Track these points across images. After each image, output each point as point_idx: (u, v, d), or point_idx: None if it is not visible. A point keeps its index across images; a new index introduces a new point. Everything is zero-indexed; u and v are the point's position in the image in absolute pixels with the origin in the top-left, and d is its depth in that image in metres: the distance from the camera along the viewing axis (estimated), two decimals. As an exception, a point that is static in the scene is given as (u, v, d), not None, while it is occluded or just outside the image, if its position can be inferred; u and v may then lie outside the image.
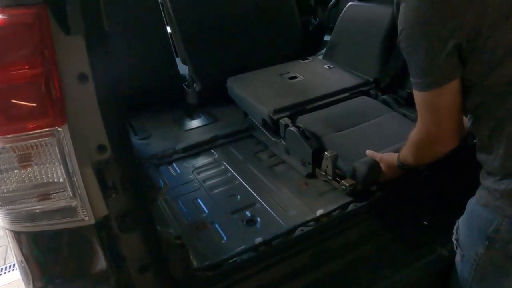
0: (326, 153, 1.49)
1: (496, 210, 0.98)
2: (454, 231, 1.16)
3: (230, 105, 2.42)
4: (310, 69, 2.20)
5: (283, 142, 1.76)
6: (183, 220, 1.47)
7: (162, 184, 1.67)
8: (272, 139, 1.84)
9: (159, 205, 1.53)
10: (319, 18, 2.74)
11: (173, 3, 2.33)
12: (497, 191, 0.97)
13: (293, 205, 1.49)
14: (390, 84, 2.00)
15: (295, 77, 2.10)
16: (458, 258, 1.17)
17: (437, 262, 1.29)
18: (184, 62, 2.44)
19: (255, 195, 1.57)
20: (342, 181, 1.46)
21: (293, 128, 1.66)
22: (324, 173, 1.55)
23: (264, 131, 1.90)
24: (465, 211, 1.11)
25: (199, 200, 1.59)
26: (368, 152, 1.44)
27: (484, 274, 1.09)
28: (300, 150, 1.64)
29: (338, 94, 1.94)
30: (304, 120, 1.74)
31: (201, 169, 1.81)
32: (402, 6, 0.91)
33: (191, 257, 1.22)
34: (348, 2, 2.29)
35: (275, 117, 1.77)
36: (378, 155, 1.41)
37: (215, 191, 1.64)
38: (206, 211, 1.52)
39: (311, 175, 1.62)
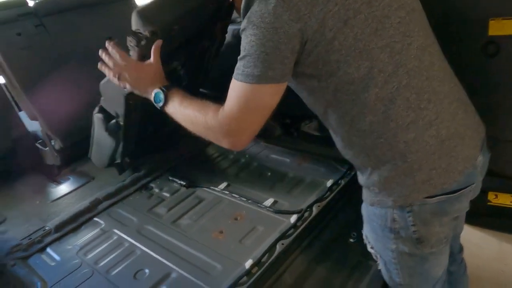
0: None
1: (381, 205, 1.03)
2: (366, 242, 1.18)
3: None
4: None
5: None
6: (83, 326, 1.12)
7: (39, 283, 1.28)
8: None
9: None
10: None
11: (1, 47, 1.89)
12: (374, 186, 1.02)
13: (216, 262, 1.28)
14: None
15: None
16: (381, 266, 1.19)
17: (377, 278, 1.24)
18: (32, 117, 2.00)
19: (167, 263, 1.30)
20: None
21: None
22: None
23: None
24: (363, 219, 1.14)
25: (96, 291, 1.24)
26: None
27: (409, 268, 1.12)
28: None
29: None
30: None
31: (88, 247, 1.45)
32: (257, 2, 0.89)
33: None
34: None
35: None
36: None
37: (114, 272, 1.31)
38: (111, 304, 1.19)
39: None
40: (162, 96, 1.12)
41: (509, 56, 1.23)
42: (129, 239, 1.45)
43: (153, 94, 1.14)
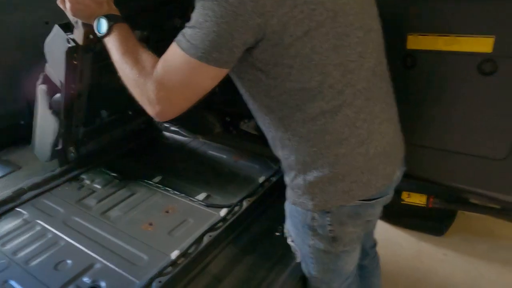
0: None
1: (302, 207, 1.08)
2: (287, 235, 1.24)
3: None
4: None
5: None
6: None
7: None
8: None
9: None
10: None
11: None
12: (298, 189, 1.06)
13: (143, 253, 1.28)
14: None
15: None
16: (300, 260, 1.25)
17: (296, 270, 1.31)
18: None
19: (91, 253, 1.28)
20: None
21: None
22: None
23: None
24: (286, 214, 1.20)
25: (12, 283, 1.18)
26: None
27: (323, 264, 1.20)
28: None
29: None
30: None
31: (7, 238, 1.38)
32: None
33: None
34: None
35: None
36: None
37: (33, 263, 1.26)
38: (26, 295, 1.15)
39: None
40: (106, 25, 1.00)
41: (423, 68, 1.36)
42: (53, 230, 1.40)
43: (96, 20, 1.01)
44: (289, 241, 1.23)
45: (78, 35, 1.17)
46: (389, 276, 1.84)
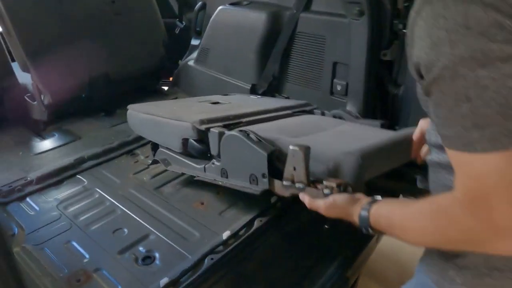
0: (291, 147, 1.05)
1: None
2: None
3: (91, 120, 2.10)
4: (236, 97, 1.89)
5: (216, 163, 1.36)
6: (57, 273, 1.14)
7: (16, 229, 1.30)
8: (198, 166, 1.43)
9: (16, 260, 1.16)
10: (185, 21, 2.60)
11: (3, -3, 1.86)
12: (459, 277, 0.78)
13: (194, 229, 1.32)
14: (267, 89, 2.00)
15: (218, 103, 1.72)
16: None
17: (344, 264, 1.31)
18: (24, 69, 1.98)
19: (145, 225, 1.34)
20: (324, 182, 1.00)
21: (235, 132, 1.27)
22: (290, 182, 1.09)
23: (185, 159, 1.49)
24: (412, 280, 0.95)
25: (73, 243, 1.26)
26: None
27: None
28: (246, 162, 1.23)
29: (277, 111, 1.60)
30: (247, 129, 1.30)
31: (68, 201, 1.46)
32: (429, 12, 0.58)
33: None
34: (215, 5, 2.22)
35: (202, 127, 1.35)
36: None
37: (93, 228, 1.33)
38: (87, 256, 1.21)
39: (268, 193, 1.22)
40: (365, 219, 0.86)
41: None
42: (110, 198, 1.47)
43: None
44: None
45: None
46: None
